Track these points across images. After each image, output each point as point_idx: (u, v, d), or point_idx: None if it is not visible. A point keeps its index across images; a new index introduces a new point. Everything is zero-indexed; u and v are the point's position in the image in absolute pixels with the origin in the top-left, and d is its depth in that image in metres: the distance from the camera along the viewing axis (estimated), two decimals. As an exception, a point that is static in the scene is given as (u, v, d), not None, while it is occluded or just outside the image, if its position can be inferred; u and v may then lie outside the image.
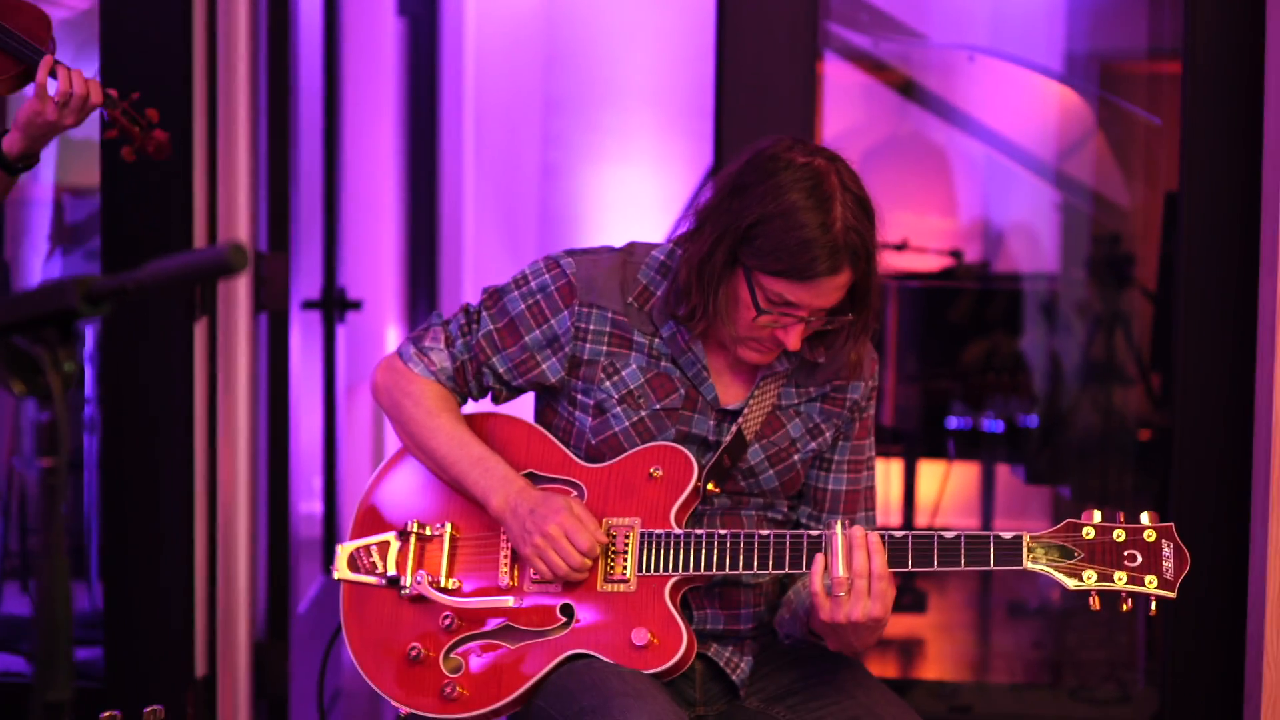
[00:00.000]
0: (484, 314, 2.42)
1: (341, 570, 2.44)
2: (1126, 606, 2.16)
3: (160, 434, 3.39)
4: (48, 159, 4.25)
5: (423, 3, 6.17)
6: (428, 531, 2.41)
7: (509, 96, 6.54)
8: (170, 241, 3.33)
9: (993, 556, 2.18)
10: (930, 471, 5.49)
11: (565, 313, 2.37)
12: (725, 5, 3.33)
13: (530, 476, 2.40)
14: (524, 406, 2.51)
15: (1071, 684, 4.39)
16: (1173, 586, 2.14)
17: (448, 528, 2.41)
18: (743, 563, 2.27)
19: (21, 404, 3.92)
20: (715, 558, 2.28)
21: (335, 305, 4.44)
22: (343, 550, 2.45)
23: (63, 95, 2.64)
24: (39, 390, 1.45)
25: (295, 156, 3.70)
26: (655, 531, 2.31)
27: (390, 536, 2.43)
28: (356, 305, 4.59)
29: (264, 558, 3.63)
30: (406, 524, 2.42)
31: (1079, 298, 5.47)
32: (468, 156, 6.50)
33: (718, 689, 2.43)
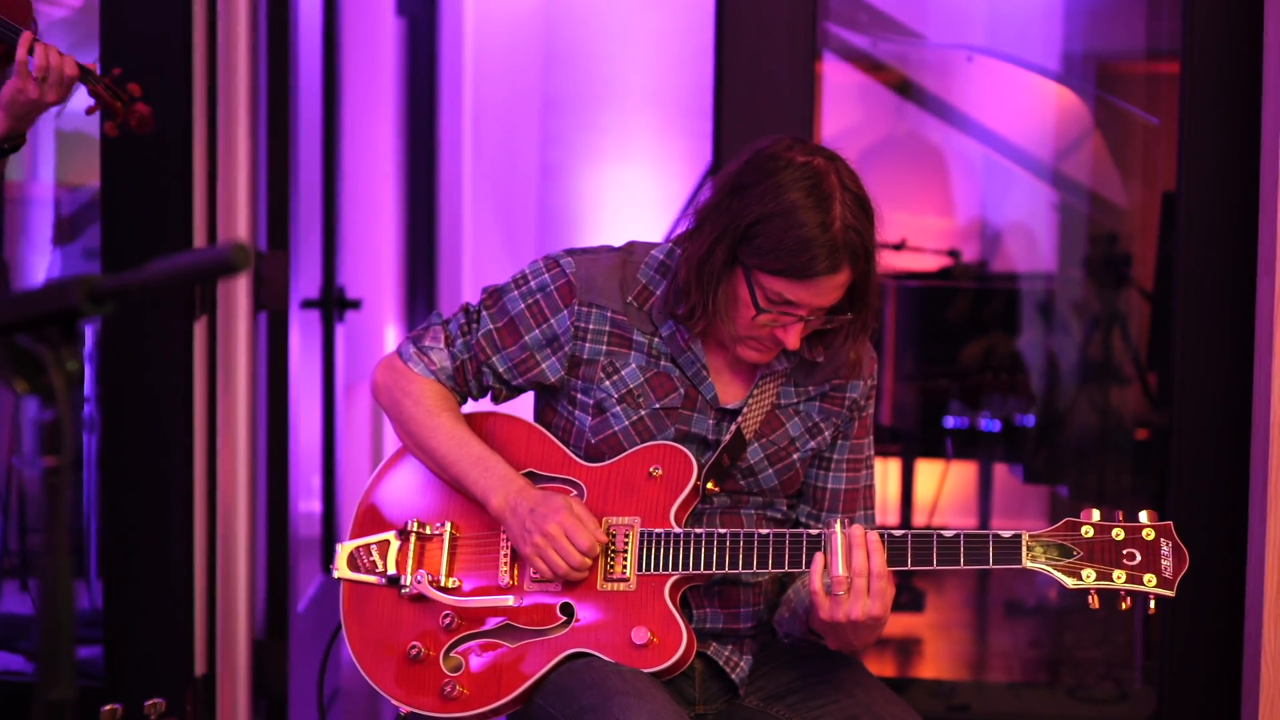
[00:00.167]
0: (484, 313, 2.42)
1: (341, 569, 2.44)
2: (1125, 605, 2.17)
3: (160, 433, 3.39)
4: (47, 158, 4.25)
5: (422, 3, 6.17)
6: (428, 530, 2.41)
7: (508, 96, 6.54)
8: (170, 240, 3.33)
9: (992, 555, 2.18)
10: (928, 471, 5.48)
11: (565, 312, 2.37)
12: (724, 5, 3.33)
13: (530, 476, 2.40)
14: (524, 406, 2.51)
15: (1069, 683, 4.39)
16: (1171, 585, 2.14)
17: (447, 527, 2.41)
18: (742, 561, 2.27)
19: (21, 403, 3.92)
20: (715, 557, 2.28)
21: (334, 304, 4.44)
22: (342, 549, 2.45)
23: (40, 70, 2.64)
24: (42, 389, 1.45)
25: (295, 156, 3.70)
26: (655, 530, 2.31)
27: (390, 535, 2.43)
28: (356, 304, 4.60)
29: (263, 556, 3.63)
30: (406, 523, 2.42)
31: (1076, 297, 5.47)
32: (467, 156, 6.50)
33: (717, 688, 2.44)
